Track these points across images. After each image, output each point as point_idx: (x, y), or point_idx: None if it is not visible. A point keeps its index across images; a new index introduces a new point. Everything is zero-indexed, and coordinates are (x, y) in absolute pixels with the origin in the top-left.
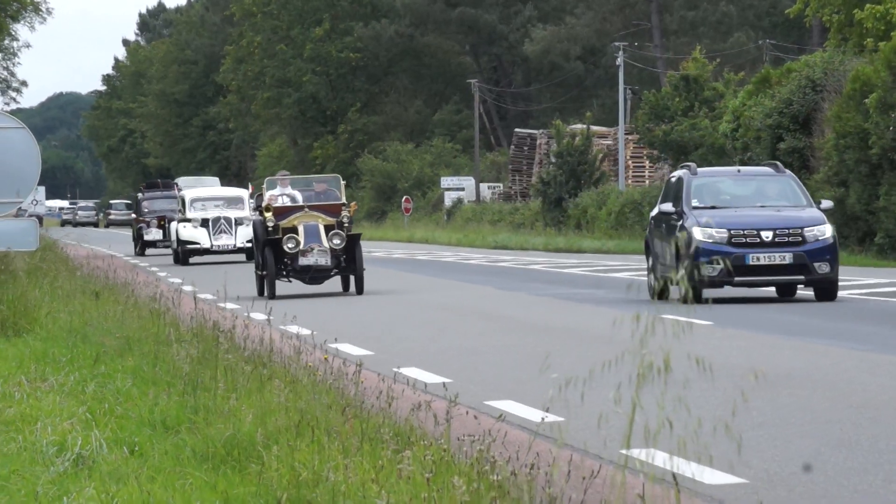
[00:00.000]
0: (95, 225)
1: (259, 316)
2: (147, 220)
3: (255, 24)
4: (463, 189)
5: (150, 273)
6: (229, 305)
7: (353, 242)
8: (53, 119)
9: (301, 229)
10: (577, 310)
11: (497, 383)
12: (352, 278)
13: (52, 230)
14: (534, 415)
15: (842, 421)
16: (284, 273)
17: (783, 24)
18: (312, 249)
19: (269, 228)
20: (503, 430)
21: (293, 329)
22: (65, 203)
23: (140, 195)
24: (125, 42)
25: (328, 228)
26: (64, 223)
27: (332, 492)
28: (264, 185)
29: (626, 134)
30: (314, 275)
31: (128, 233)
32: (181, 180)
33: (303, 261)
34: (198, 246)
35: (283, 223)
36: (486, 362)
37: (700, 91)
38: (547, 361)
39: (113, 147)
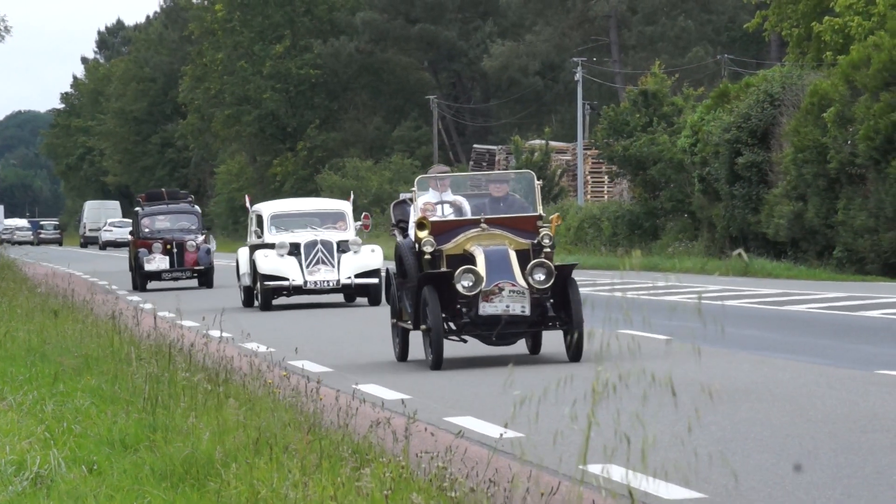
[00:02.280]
0: (59, 243)
1: (217, 333)
2: (149, 243)
3: (216, 42)
4: None
5: (109, 291)
6: (188, 323)
7: (563, 278)
8: (11, 137)
9: (480, 258)
10: None
11: (456, 399)
12: (554, 337)
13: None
14: (493, 431)
15: (801, 435)
16: (455, 328)
17: (741, 38)
18: (501, 290)
19: (428, 257)
20: (462, 447)
21: (252, 346)
22: (24, 222)
23: (139, 210)
24: (84, 60)
25: (522, 256)
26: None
27: None
28: (413, 189)
29: (584, 149)
30: (505, 330)
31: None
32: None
33: (487, 308)
34: (286, 283)
35: (449, 248)
36: (444, 378)
37: (659, 106)
38: (509, 378)
39: (71, 165)
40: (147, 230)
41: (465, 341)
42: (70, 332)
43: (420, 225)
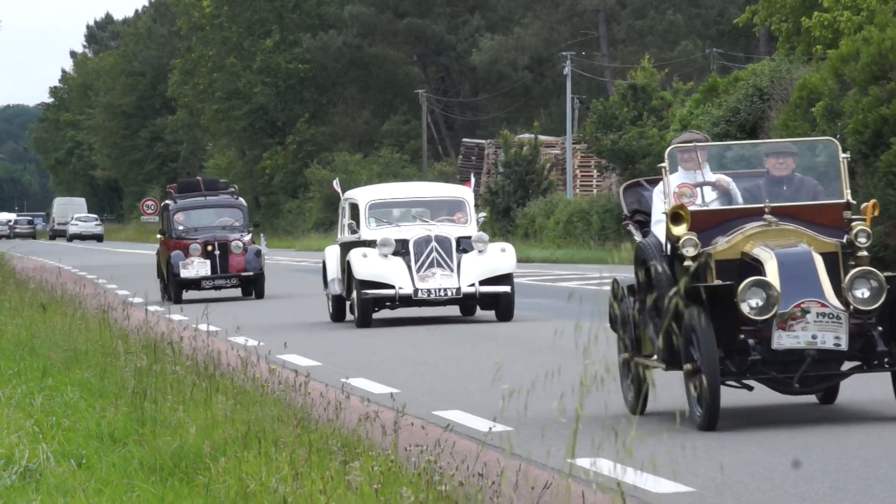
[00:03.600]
0: (33, 237)
1: (206, 327)
2: (185, 243)
3: (205, 37)
4: None
5: (97, 285)
6: (176, 317)
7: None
8: (0, 131)
9: (772, 265)
10: (524, 319)
11: (444, 393)
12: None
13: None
14: (482, 424)
15: (790, 428)
16: (736, 368)
17: (730, 32)
18: (806, 314)
19: (689, 263)
20: (451, 441)
21: (240, 340)
22: (12, 216)
23: (169, 203)
24: (73, 54)
25: (829, 262)
26: None
27: (279, 503)
28: (663, 164)
29: (573, 143)
30: (811, 371)
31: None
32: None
33: (784, 339)
34: (390, 291)
35: (720, 250)
36: (433, 372)
37: (648, 100)
38: (498, 373)
39: (60, 159)
40: (181, 228)
41: (750, 388)
42: (59, 326)
43: (676, 216)
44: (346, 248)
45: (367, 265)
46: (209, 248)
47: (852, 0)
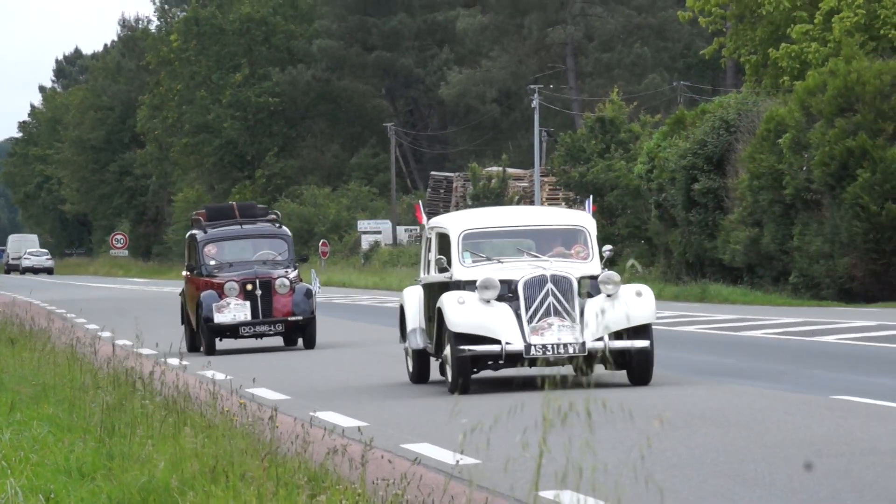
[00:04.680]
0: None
1: (175, 362)
2: (218, 282)
3: (173, 72)
4: (380, 232)
5: (66, 320)
6: (146, 351)
7: None
8: None
9: None
10: None
11: (412, 426)
12: None
13: None
14: (449, 457)
15: (756, 460)
16: None
17: (697, 65)
18: None
19: None
20: (419, 474)
21: (209, 374)
22: None
23: (197, 234)
24: (41, 88)
25: None
26: None
27: None
28: None
29: (541, 176)
30: None
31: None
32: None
33: None
34: (495, 348)
35: None
36: (401, 405)
37: (616, 133)
38: (456, 406)
39: (29, 193)
40: (213, 263)
41: None
42: (27, 360)
43: None
44: (432, 290)
45: (465, 314)
46: (248, 287)
47: (820, 32)
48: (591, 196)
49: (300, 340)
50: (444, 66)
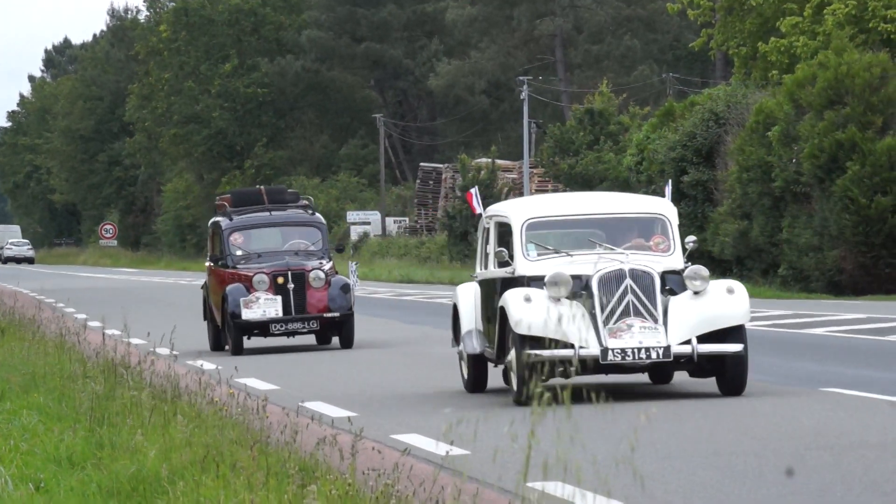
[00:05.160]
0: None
1: (164, 351)
2: (246, 275)
3: (162, 62)
4: (369, 223)
5: (55, 309)
6: (135, 341)
7: None
8: None
9: None
10: None
11: (402, 417)
12: None
13: None
14: (439, 448)
15: (745, 453)
16: None
17: (687, 57)
18: None
19: None
20: (408, 464)
21: (199, 364)
22: None
23: (221, 221)
24: (31, 78)
25: None
26: None
27: None
28: None
29: (530, 167)
30: None
31: None
32: None
33: None
34: (568, 353)
35: None
36: (391, 396)
37: (605, 125)
38: (442, 398)
39: (19, 183)
40: (239, 254)
41: None
42: (17, 349)
43: None
44: (491, 287)
45: (532, 313)
46: (280, 280)
47: (809, 25)
48: (671, 181)
49: (335, 339)
50: (433, 58)
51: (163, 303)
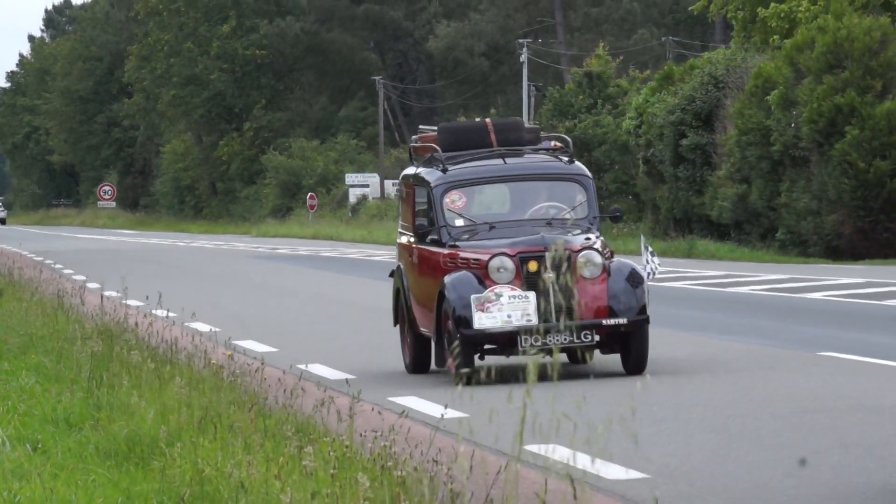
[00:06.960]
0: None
1: (162, 313)
2: (476, 260)
3: (161, 22)
4: (367, 186)
5: (54, 270)
6: (133, 302)
7: None
8: None
9: None
10: None
11: (400, 379)
12: None
13: None
14: (436, 410)
15: (743, 416)
16: None
17: (686, 20)
18: None
19: None
20: (406, 426)
21: (197, 326)
22: None
23: (429, 173)
24: (30, 38)
25: None
26: None
27: (234, 488)
28: None
29: None
30: None
31: None
32: None
33: None
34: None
35: None
36: (389, 358)
37: (603, 88)
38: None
39: (17, 144)
40: (459, 224)
41: None
42: (15, 310)
43: None
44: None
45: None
46: (532, 266)
47: None
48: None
49: (619, 356)
50: (432, 20)
51: (162, 264)
